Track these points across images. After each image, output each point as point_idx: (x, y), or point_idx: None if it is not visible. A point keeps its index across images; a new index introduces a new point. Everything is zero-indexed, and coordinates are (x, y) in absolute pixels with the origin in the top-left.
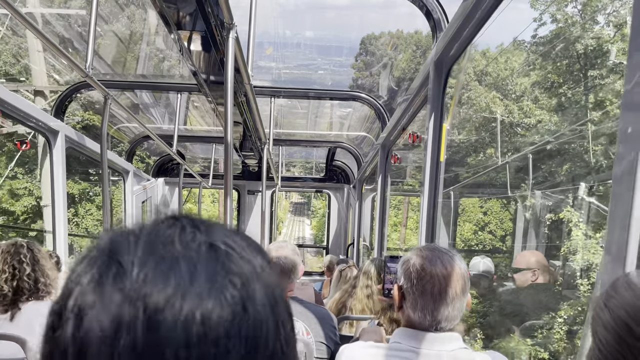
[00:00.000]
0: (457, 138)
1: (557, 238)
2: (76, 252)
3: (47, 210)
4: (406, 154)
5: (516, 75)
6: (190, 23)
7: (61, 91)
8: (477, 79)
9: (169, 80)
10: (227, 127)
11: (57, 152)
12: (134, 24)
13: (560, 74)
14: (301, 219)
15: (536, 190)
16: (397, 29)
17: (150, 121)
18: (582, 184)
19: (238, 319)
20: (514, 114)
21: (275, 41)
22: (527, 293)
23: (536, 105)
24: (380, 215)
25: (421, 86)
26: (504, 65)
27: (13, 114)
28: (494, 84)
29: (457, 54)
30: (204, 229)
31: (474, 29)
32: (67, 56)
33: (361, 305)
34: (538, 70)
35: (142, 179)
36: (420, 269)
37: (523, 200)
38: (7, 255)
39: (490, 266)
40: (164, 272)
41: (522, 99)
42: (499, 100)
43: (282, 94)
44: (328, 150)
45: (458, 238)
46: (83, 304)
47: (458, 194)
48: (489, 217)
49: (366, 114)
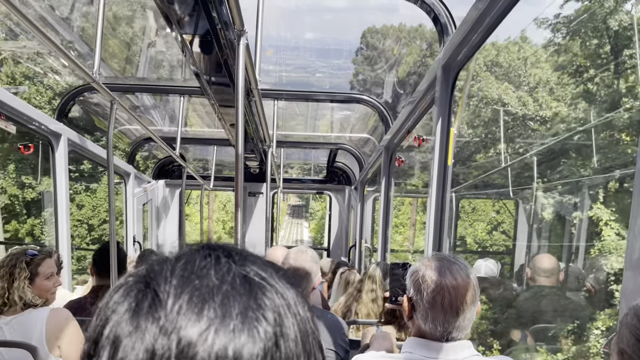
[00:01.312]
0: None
1: (586, 238)
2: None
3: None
4: (411, 156)
5: (529, 66)
6: (194, 25)
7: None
8: (487, 70)
9: (172, 83)
10: (238, 134)
11: (59, 155)
12: (137, 26)
13: (577, 67)
14: (299, 222)
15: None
16: (400, 22)
17: (151, 123)
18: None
19: (270, 356)
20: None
21: (277, 44)
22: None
23: (552, 97)
24: (384, 217)
25: (428, 89)
26: (516, 56)
27: (15, 117)
28: (505, 76)
29: (465, 58)
30: (239, 260)
31: (483, 34)
32: (73, 61)
33: (367, 310)
34: (555, 61)
35: (143, 181)
36: (430, 280)
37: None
38: (6, 266)
39: (493, 269)
40: (198, 305)
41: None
42: (512, 92)
43: (285, 96)
44: (329, 152)
45: (471, 238)
46: (119, 333)
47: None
48: (502, 216)
49: (368, 114)
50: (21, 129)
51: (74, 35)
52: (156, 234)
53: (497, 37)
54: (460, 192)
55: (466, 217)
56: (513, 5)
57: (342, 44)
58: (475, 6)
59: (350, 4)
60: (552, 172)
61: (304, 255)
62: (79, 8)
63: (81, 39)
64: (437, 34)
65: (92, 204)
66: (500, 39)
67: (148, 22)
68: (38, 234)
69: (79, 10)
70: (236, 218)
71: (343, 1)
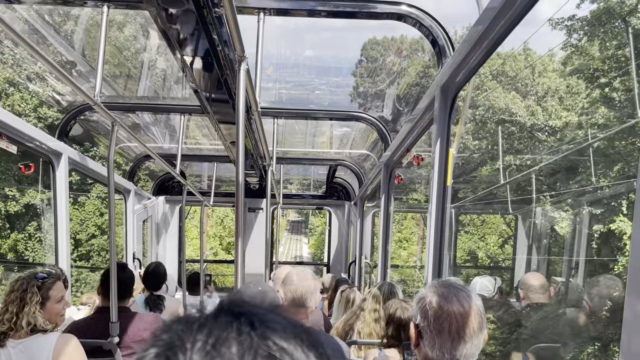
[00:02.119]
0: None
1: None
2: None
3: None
4: (413, 171)
5: (536, 74)
6: (195, 46)
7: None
8: (493, 79)
9: (172, 101)
10: (239, 153)
11: (60, 174)
12: (138, 46)
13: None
14: (298, 238)
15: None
16: (400, 35)
17: (151, 140)
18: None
19: None
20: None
21: (277, 62)
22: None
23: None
24: (384, 234)
25: (426, 109)
26: (524, 64)
27: (16, 136)
28: (512, 85)
29: (463, 80)
30: (260, 330)
31: (481, 56)
32: (74, 83)
33: (369, 329)
34: (561, 70)
35: (143, 198)
36: (437, 307)
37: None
38: (17, 291)
39: (488, 286)
40: None
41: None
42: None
43: (285, 114)
44: (329, 167)
45: (483, 252)
46: None
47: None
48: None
49: (367, 130)
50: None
51: (75, 56)
52: (156, 251)
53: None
54: (468, 206)
55: (476, 230)
56: (511, 29)
57: (341, 62)
58: (473, 29)
59: (349, 24)
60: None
61: (305, 275)
62: (80, 29)
63: (83, 59)
64: (436, 55)
65: (80, 218)
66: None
67: (149, 42)
68: (22, 249)
69: (80, 31)
70: (236, 235)
71: (342, 21)
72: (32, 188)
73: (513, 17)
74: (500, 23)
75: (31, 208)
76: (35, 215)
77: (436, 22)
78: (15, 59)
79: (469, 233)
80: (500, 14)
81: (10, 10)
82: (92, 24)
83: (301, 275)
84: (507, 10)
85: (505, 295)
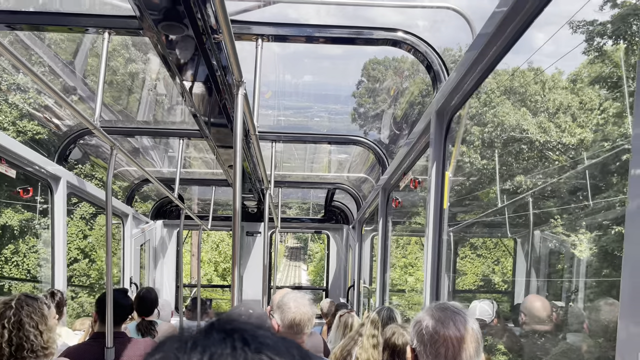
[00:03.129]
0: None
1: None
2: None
3: None
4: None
5: (546, 91)
6: (194, 71)
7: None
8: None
9: (171, 125)
10: (236, 176)
11: (58, 197)
12: (137, 71)
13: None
14: (297, 264)
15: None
16: (394, 57)
17: (150, 164)
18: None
19: None
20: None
21: (275, 88)
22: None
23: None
24: (382, 258)
25: (423, 133)
26: (519, 83)
27: (15, 161)
28: (521, 101)
29: (458, 104)
30: (253, 345)
31: (476, 80)
32: (74, 108)
33: (367, 355)
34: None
35: (141, 222)
36: (433, 331)
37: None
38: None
39: (488, 310)
40: None
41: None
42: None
43: (283, 138)
44: (327, 191)
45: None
46: None
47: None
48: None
49: (365, 153)
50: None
51: (76, 81)
52: (153, 276)
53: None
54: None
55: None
56: (505, 53)
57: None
58: (467, 54)
59: (348, 50)
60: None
61: (303, 301)
62: (81, 55)
63: (83, 82)
64: (431, 80)
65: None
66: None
67: (148, 67)
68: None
69: (81, 56)
70: (233, 259)
71: (340, 48)
72: (11, 208)
73: (505, 42)
74: (493, 49)
75: (5, 229)
76: (12, 237)
77: (431, 48)
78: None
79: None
80: (493, 39)
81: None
82: (92, 50)
83: (299, 301)
84: (499, 36)
85: (504, 320)
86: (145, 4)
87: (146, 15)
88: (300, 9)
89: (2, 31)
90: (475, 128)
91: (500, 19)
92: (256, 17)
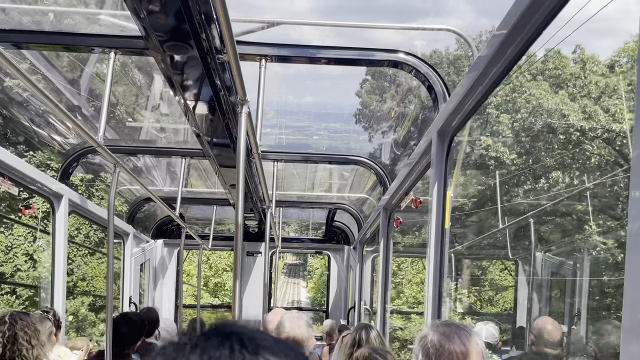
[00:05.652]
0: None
1: None
2: None
3: None
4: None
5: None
6: (198, 91)
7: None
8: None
9: (173, 145)
10: (239, 196)
11: (60, 216)
12: (141, 90)
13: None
14: (296, 281)
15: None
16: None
17: (152, 183)
18: None
19: None
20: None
21: (277, 107)
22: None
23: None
24: (383, 279)
25: (424, 153)
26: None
27: (18, 178)
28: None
29: (459, 125)
30: (251, 347)
31: (477, 101)
32: (79, 125)
33: None
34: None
35: (142, 241)
36: (439, 344)
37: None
38: None
39: (494, 333)
40: None
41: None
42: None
43: (284, 158)
44: (328, 211)
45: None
46: None
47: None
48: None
49: (366, 173)
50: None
51: (80, 101)
52: (153, 296)
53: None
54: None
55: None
56: (505, 74)
57: (341, 108)
58: (468, 75)
59: (348, 71)
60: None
61: (299, 322)
62: (86, 75)
63: (87, 102)
64: (432, 101)
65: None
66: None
67: (152, 87)
68: None
69: (86, 76)
70: (234, 279)
71: (341, 69)
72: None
73: (506, 63)
74: (494, 70)
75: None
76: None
77: (432, 69)
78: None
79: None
80: (493, 60)
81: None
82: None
83: (295, 322)
84: (500, 57)
85: (510, 342)
86: (152, 24)
87: (152, 36)
88: (302, 30)
89: (10, 50)
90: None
91: (500, 41)
92: (260, 38)
